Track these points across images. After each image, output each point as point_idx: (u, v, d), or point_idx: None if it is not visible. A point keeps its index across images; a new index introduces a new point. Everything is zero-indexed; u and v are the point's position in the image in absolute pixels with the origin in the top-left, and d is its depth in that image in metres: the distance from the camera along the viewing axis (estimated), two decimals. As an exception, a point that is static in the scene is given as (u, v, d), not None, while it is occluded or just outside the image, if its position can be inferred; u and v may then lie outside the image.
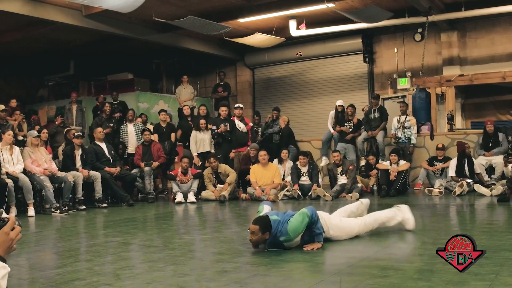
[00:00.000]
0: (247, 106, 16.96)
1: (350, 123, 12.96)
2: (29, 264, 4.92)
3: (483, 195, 10.03)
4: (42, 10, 11.84)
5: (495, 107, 14.40)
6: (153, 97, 16.42)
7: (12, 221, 2.31)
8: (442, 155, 11.62)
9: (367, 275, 4.03)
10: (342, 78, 16.47)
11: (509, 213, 7.98)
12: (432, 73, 14.26)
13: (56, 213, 9.13)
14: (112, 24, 13.30)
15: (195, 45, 16.07)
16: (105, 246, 5.82)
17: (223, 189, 11.04)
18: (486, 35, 14.11)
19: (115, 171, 10.76)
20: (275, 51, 16.46)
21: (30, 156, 9.62)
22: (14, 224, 2.32)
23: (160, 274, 4.27)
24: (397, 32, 15.24)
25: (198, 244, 5.99)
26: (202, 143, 12.30)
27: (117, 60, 17.85)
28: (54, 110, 16.93)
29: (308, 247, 5.06)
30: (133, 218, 8.65)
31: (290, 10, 13.14)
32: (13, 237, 2.30)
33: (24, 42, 15.05)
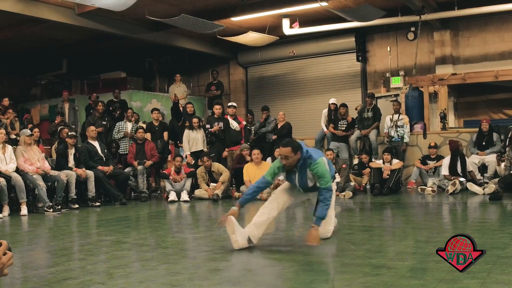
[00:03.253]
0: (240, 104, 16.97)
1: (344, 122, 12.97)
2: (21, 263, 4.90)
3: (475, 194, 10.06)
4: (34, 9, 11.79)
5: (488, 106, 14.45)
6: (146, 95, 16.40)
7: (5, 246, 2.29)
8: (435, 153, 11.65)
9: (360, 273, 4.04)
10: (335, 76, 16.48)
11: (501, 212, 8.02)
12: (425, 72, 14.29)
13: (49, 212, 9.10)
14: (105, 23, 13.26)
15: (188, 44, 16.05)
16: (98, 245, 5.81)
17: (216, 187, 11.04)
18: (478, 34, 14.16)
19: (108, 170, 10.74)
20: (268, 49, 16.45)
21: (23, 155, 9.59)
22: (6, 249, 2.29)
23: (153, 273, 4.27)
24: (390, 31, 15.27)
25: (191, 243, 5.98)
26: (195, 142, 12.27)
27: (110, 58, 17.82)
28: (47, 109, 16.91)
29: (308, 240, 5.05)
30: (126, 217, 8.64)
31: (283, 8, 13.14)
32: (5, 262, 2.28)
33: (16, 41, 14.99)
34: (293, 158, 5.17)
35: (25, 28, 13.48)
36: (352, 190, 10.67)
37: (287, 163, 5.20)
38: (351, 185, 10.95)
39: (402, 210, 8.77)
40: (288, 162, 5.18)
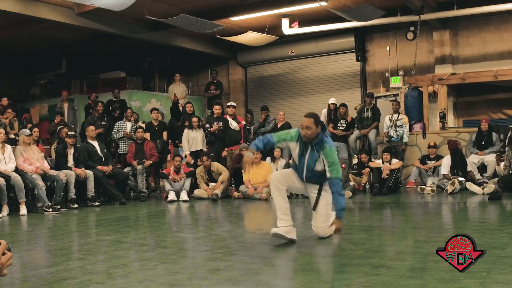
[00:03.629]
0: (239, 104, 16.99)
1: (343, 121, 12.97)
2: (21, 263, 4.90)
3: (475, 193, 10.06)
4: (34, 8, 11.79)
5: (487, 106, 14.45)
6: (145, 95, 16.39)
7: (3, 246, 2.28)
8: (434, 153, 11.66)
9: (359, 273, 4.04)
10: (335, 76, 16.49)
11: (501, 211, 8.02)
12: (424, 72, 14.30)
13: (48, 212, 9.10)
14: (105, 22, 13.26)
15: (188, 44, 16.05)
16: (97, 245, 5.81)
17: (215, 187, 11.04)
18: (478, 34, 14.16)
19: (107, 170, 10.74)
20: (267, 49, 16.46)
21: (22, 154, 9.58)
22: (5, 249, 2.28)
23: (152, 273, 4.27)
24: (389, 31, 15.28)
25: (190, 242, 5.98)
26: (194, 141, 12.25)
27: (109, 58, 17.81)
28: (46, 109, 16.90)
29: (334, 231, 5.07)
30: (125, 217, 8.63)
31: (282, 8, 13.15)
32: (4, 262, 2.26)
33: (16, 40, 15.00)
34: (313, 131, 5.20)
35: (25, 27, 13.49)
36: (351, 189, 10.67)
37: (307, 134, 5.20)
38: (351, 184, 10.95)
39: (402, 210, 8.77)
40: (308, 133, 5.19)
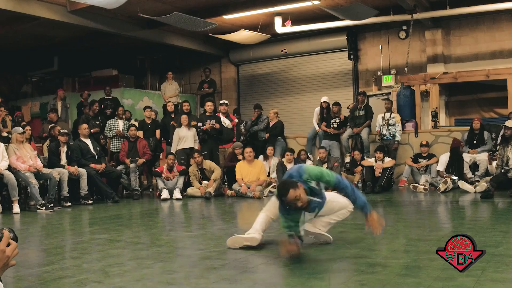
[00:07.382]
0: (231, 102, 16.99)
1: (336, 120, 13.00)
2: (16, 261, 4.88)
3: (467, 192, 10.13)
4: (26, 6, 11.74)
5: (479, 105, 14.52)
6: (137, 93, 16.38)
7: (7, 237, 2.20)
8: (426, 152, 11.72)
9: (356, 271, 4.07)
10: (327, 75, 16.53)
11: (493, 210, 8.08)
12: (416, 71, 14.37)
13: (42, 210, 9.08)
14: (97, 20, 13.23)
15: (180, 42, 16.04)
16: (92, 243, 5.81)
17: (208, 185, 11.05)
18: (470, 33, 14.24)
19: (100, 168, 10.72)
20: (260, 47, 16.47)
21: (15, 152, 9.55)
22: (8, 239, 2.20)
23: (149, 271, 4.27)
24: (381, 30, 15.32)
25: (186, 241, 5.99)
26: (185, 139, 12.19)
27: (101, 56, 17.76)
28: (38, 106, 16.84)
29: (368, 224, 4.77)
30: (119, 215, 8.63)
31: (275, 7, 13.14)
32: (9, 254, 2.20)
33: (7, 38, 14.90)
34: (303, 195, 4.44)
35: (17, 25, 13.41)
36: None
37: (304, 204, 4.49)
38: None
39: (394, 208, 8.81)
40: (303, 201, 4.47)
